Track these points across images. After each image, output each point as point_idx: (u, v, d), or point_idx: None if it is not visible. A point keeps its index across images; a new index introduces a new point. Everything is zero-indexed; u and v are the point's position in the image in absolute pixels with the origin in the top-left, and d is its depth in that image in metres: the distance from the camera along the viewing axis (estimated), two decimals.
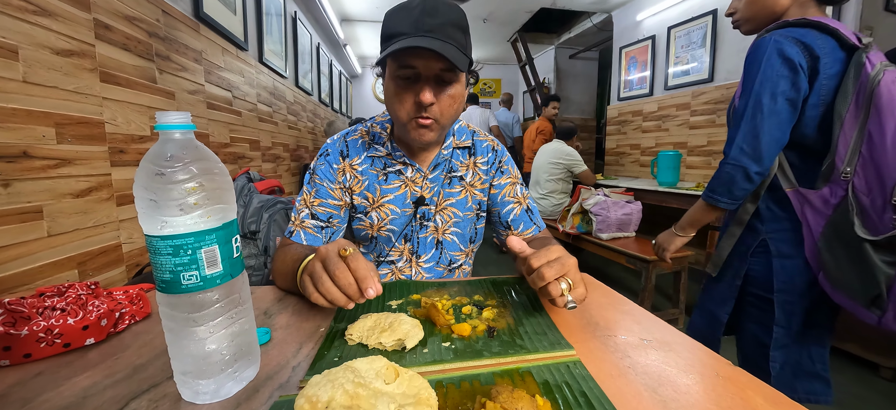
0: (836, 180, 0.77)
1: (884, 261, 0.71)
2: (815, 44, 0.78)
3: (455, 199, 0.81)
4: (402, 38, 0.61)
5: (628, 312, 0.58)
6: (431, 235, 0.81)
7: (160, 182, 0.32)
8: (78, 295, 0.55)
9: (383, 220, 0.78)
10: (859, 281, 0.74)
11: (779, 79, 0.79)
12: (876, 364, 1.67)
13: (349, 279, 0.46)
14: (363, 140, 0.79)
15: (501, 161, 0.84)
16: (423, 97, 0.63)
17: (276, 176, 2.70)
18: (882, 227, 0.71)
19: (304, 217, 0.75)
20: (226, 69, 1.96)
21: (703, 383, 0.40)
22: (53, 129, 0.97)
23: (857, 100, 0.74)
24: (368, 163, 0.78)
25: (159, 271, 0.34)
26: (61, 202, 0.99)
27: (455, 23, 0.64)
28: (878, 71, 0.71)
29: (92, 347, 0.48)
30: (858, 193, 0.74)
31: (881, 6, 2.19)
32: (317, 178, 0.76)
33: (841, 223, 0.76)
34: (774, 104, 0.79)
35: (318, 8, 3.51)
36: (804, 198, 0.82)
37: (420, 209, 0.78)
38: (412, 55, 0.62)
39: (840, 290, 0.78)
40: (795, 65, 0.77)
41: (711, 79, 3.01)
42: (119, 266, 1.19)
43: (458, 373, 0.42)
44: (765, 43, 0.81)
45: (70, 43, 1.02)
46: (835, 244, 0.77)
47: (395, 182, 0.78)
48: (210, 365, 0.36)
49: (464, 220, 0.82)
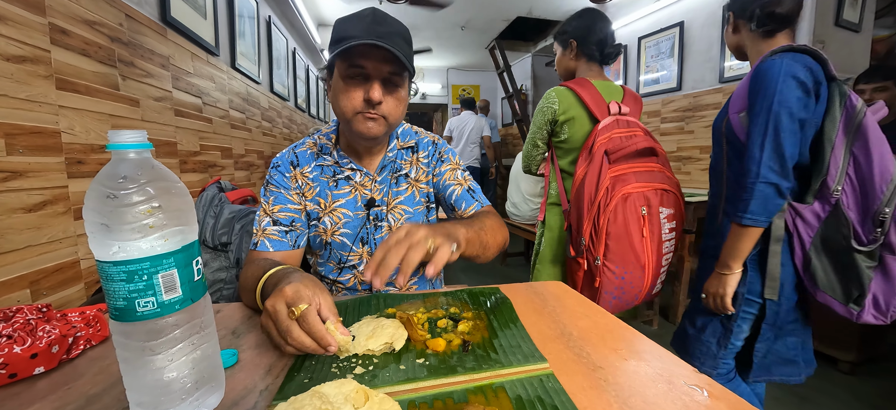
0: (826, 197, 0.87)
1: (867, 267, 0.84)
2: (816, 70, 0.86)
3: (403, 196, 0.84)
4: (353, 40, 0.64)
5: (601, 321, 0.59)
6: (387, 235, 0.81)
7: (112, 205, 0.31)
8: (26, 320, 0.52)
9: (336, 224, 0.80)
10: (843, 283, 0.87)
11: (795, 101, 0.84)
12: (834, 358, 1.77)
13: (303, 341, 0.44)
14: (311, 150, 0.82)
15: (441, 151, 0.88)
16: (373, 93, 0.67)
17: (249, 184, 2.62)
18: (866, 238, 0.84)
19: (266, 225, 0.75)
20: (195, 75, 1.89)
21: (670, 392, 0.41)
22: (3, 140, 0.91)
23: (845, 127, 0.84)
24: (318, 171, 0.80)
25: (112, 298, 0.32)
26: (11, 217, 0.93)
27: (402, 34, 0.69)
28: (861, 107, 0.84)
29: (41, 376, 0.45)
30: (845, 209, 0.85)
31: (831, 21, 2.34)
32: (272, 188, 0.78)
33: (832, 234, 0.87)
34: (792, 123, 0.85)
35: (294, 12, 3.45)
36: (797, 212, 0.91)
37: (372, 211, 0.81)
38: (363, 56, 0.66)
39: (825, 291, 0.89)
40: (808, 88, 0.85)
41: (680, 88, 3.13)
42: (77, 283, 1.12)
43: (432, 391, 0.41)
44: (776, 66, 0.86)
45: (22, 48, 0.96)
46: (823, 252, 0.89)
47: (345, 188, 0.80)
48: (169, 395, 0.34)
49: (414, 215, 0.84)
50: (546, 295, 0.69)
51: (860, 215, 0.85)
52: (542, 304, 0.64)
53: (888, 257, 0.83)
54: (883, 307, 0.85)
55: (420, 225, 0.56)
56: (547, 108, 1.27)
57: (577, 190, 1.17)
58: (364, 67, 0.67)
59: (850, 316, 0.88)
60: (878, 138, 0.82)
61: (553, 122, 1.28)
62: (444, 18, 4.14)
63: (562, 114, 1.25)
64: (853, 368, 1.73)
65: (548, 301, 0.66)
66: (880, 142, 0.82)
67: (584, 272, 1.15)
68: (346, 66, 0.67)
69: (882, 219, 0.81)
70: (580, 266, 1.15)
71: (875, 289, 0.85)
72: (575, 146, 1.27)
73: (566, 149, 1.29)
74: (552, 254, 1.36)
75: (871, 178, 0.82)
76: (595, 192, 1.11)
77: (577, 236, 1.16)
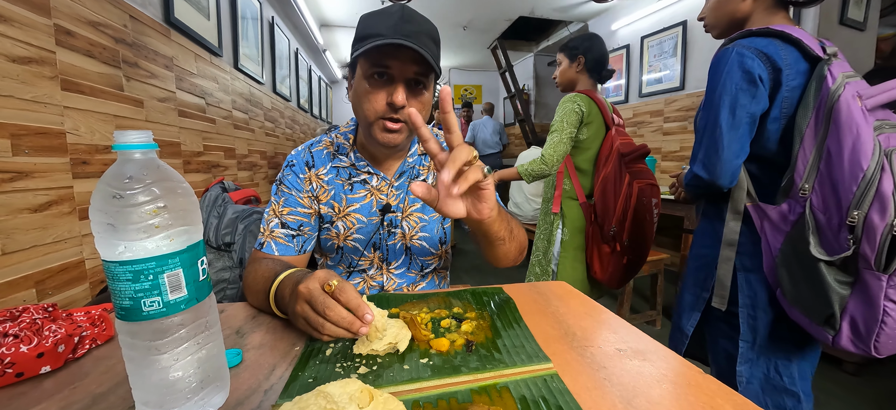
0: (794, 196, 0.75)
1: (838, 281, 0.70)
2: (778, 55, 0.76)
3: (420, 204, 0.81)
4: (379, 39, 0.62)
5: (604, 321, 0.58)
6: (400, 241, 0.80)
7: (118, 205, 0.31)
8: (33, 320, 0.52)
9: (350, 229, 0.78)
10: (813, 299, 0.73)
11: (739, 93, 0.78)
12: (839, 359, 1.76)
13: (342, 313, 0.46)
14: (328, 150, 0.79)
15: None
16: (396, 97, 0.63)
17: (252, 184, 2.63)
18: (838, 247, 0.69)
19: (274, 226, 0.74)
20: (199, 75, 1.90)
21: (675, 392, 0.41)
22: (8, 141, 0.92)
23: (818, 115, 0.72)
24: (333, 174, 0.78)
25: (118, 298, 0.32)
26: (17, 217, 0.94)
27: (430, 34, 0.66)
28: (839, 84, 0.69)
29: (48, 375, 0.45)
30: (815, 211, 0.73)
31: (836, 19, 2.33)
32: (284, 188, 0.76)
33: (798, 240, 0.74)
34: (733, 118, 0.78)
35: (296, 13, 3.46)
36: (763, 212, 0.81)
37: (386, 216, 0.78)
38: (389, 55, 0.63)
39: (796, 307, 0.76)
40: (755, 78, 0.76)
41: (683, 87, 3.12)
42: (82, 283, 1.13)
43: (436, 391, 0.41)
44: (727, 54, 0.80)
45: (28, 50, 0.97)
46: (792, 261, 0.76)
47: (360, 191, 0.78)
48: (174, 394, 0.35)
49: (430, 222, 0.82)
50: (549, 295, 0.68)
51: (831, 219, 0.70)
52: (546, 304, 0.64)
53: (866, 273, 0.67)
54: (863, 333, 0.69)
55: None
56: (575, 111, 1.44)
57: (602, 187, 1.43)
58: (389, 67, 0.64)
59: (826, 341, 0.74)
60: (852, 124, 0.67)
61: (579, 123, 1.46)
62: (447, 18, 4.14)
63: (587, 116, 1.45)
64: (858, 369, 1.72)
65: (551, 301, 0.66)
66: (854, 128, 0.67)
67: (610, 252, 1.44)
68: (370, 64, 0.65)
69: (852, 224, 0.66)
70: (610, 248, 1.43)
71: (853, 311, 0.70)
72: (589, 146, 1.49)
73: (582, 148, 1.49)
74: (575, 242, 1.55)
75: (842, 173, 0.68)
76: (619, 188, 1.38)
77: (605, 224, 1.41)
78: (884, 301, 0.66)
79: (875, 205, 0.64)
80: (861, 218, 0.66)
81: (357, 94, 0.68)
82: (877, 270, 0.65)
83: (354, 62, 0.68)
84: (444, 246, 0.86)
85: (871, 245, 0.65)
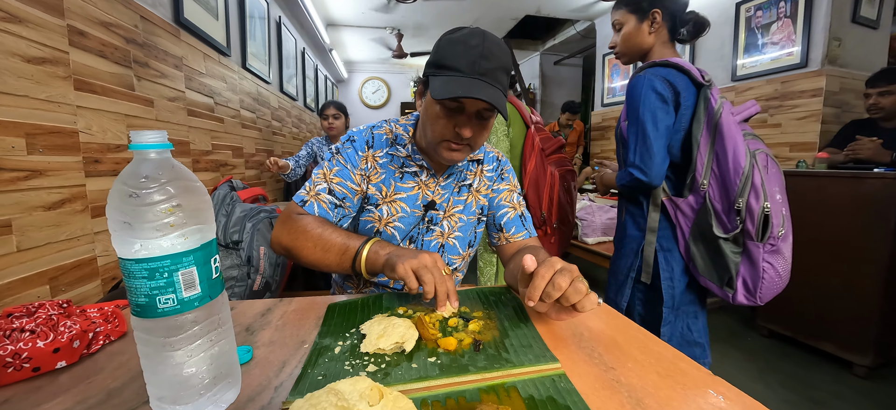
0: (697, 190, 0.99)
1: (733, 252, 0.95)
2: (676, 81, 0.99)
3: (462, 205, 0.84)
4: (456, 75, 0.65)
5: (612, 321, 0.58)
6: (436, 240, 0.83)
7: (134, 204, 0.31)
8: (48, 316, 0.53)
9: (393, 216, 0.80)
10: (716, 268, 0.98)
11: (656, 110, 0.98)
12: (850, 362, 1.74)
13: (445, 288, 0.57)
14: (387, 137, 0.82)
15: (503, 169, 0.90)
16: (464, 132, 0.68)
17: (259, 183, 2.65)
18: (730, 227, 0.94)
19: (321, 189, 0.76)
20: (207, 75, 1.92)
21: (684, 394, 0.41)
22: (23, 140, 0.93)
23: (708, 127, 0.95)
24: (388, 159, 0.81)
25: (134, 295, 0.33)
26: (32, 215, 0.95)
27: (505, 67, 0.68)
28: (720, 104, 0.94)
29: (63, 370, 0.46)
30: (713, 201, 0.97)
31: (848, 17, 2.29)
32: (340, 158, 0.78)
33: (702, 224, 0.99)
34: (657, 129, 0.99)
35: (303, 13, 3.48)
36: (676, 205, 1.04)
37: (429, 213, 0.82)
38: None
39: (704, 276, 1.01)
40: (665, 97, 0.99)
41: None
42: (94, 280, 1.15)
43: (444, 390, 0.41)
44: (641, 80, 1.01)
45: (42, 50, 0.99)
46: (699, 240, 1.01)
47: (409, 182, 0.81)
48: (188, 390, 0.35)
49: (466, 224, 0.85)
50: None
51: (724, 206, 0.95)
52: None
53: (749, 243, 0.92)
54: (751, 288, 0.94)
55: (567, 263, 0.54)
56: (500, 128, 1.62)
57: (532, 180, 1.58)
58: (461, 102, 0.67)
59: (726, 298, 0.97)
60: (732, 133, 0.92)
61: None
62: (453, 17, 4.13)
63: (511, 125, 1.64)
64: (869, 372, 1.69)
65: None
66: (733, 137, 0.92)
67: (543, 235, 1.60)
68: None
69: (738, 209, 0.91)
70: (542, 232, 1.58)
71: (744, 273, 0.94)
72: (514, 144, 1.65)
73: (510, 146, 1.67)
74: None
75: (728, 172, 0.92)
76: (543, 179, 1.56)
77: (538, 210, 1.57)
78: (762, 262, 0.92)
79: (752, 193, 0.90)
80: (744, 204, 0.90)
81: (427, 113, 0.72)
82: (756, 240, 0.91)
83: (427, 79, 0.71)
84: (470, 249, 0.89)
85: (752, 222, 0.90)
